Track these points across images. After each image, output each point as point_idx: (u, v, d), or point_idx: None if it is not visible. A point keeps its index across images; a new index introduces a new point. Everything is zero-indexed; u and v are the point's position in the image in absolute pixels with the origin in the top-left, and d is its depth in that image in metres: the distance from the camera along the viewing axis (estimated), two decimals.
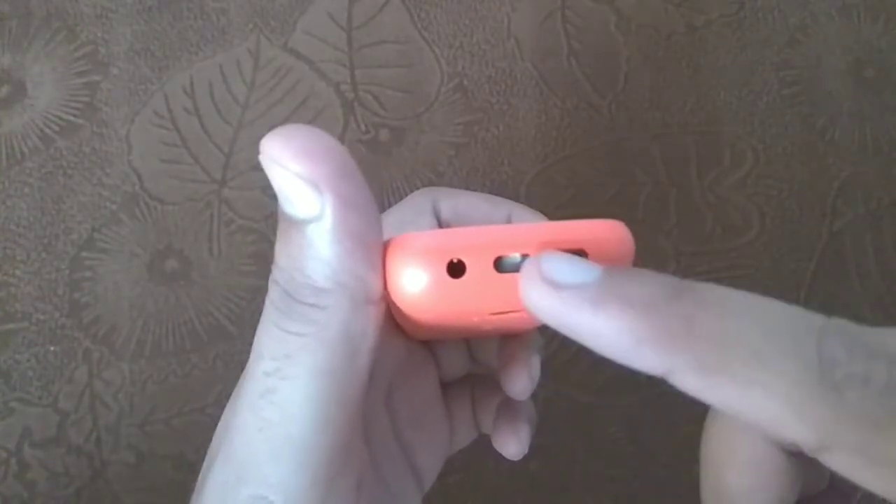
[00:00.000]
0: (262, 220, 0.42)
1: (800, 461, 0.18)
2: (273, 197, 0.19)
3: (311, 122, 0.44)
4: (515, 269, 0.18)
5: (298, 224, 0.18)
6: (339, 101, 0.44)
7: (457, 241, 0.18)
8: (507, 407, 0.27)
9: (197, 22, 0.45)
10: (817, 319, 0.16)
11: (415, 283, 0.18)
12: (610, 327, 0.16)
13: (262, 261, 0.42)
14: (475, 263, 0.18)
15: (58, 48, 0.44)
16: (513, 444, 0.26)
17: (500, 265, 0.18)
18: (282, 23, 0.45)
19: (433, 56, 0.45)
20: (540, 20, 0.45)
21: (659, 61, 0.45)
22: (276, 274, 0.18)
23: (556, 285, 0.17)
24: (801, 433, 0.15)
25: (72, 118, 0.43)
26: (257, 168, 0.18)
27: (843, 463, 0.15)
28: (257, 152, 0.18)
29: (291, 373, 0.18)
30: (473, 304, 0.18)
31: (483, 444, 0.28)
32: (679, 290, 0.16)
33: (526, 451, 0.26)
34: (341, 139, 0.43)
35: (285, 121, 0.44)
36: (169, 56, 0.44)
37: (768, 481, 0.18)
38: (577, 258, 0.17)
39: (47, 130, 0.43)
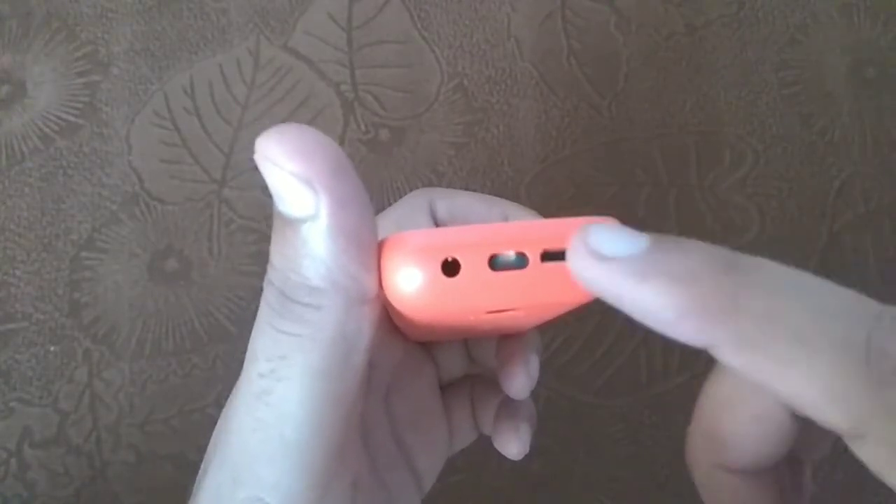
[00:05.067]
0: (262, 220, 0.42)
1: (800, 423, 0.18)
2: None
3: (311, 122, 0.44)
4: (510, 266, 0.18)
5: (293, 223, 0.17)
6: (339, 101, 0.44)
7: (451, 240, 0.18)
8: (507, 406, 0.27)
9: (197, 22, 0.45)
10: (873, 307, 0.16)
11: (409, 282, 0.18)
12: (653, 301, 0.16)
13: (263, 261, 0.42)
14: (469, 261, 0.18)
15: (58, 48, 0.44)
16: (514, 444, 0.26)
17: (494, 263, 0.18)
18: (282, 23, 0.45)
19: (433, 56, 0.45)
20: (540, 20, 0.45)
21: (659, 61, 0.45)
22: (271, 274, 0.18)
23: (601, 257, 0.17)
24: (835, 420, 0.15)
25: (72, 118, 0.43)
26: (257, 168, 0.18)
27: (874, 454, 0.15)
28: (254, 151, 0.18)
29: (286, 373, 0.18)
30: (469, 302, 0.18)
31: (485, 445, 0.28)
32: (728, 264, 0.16)
33: (527, 450, 0.26)
34: (341, 139, 0.43)
35: (285, 121, 0.44)
36: (169, 56, 0.44)
37: (767, 436, 0.18)
38: (626, 228, 0.17)
39: (47, 130, 0.43)
